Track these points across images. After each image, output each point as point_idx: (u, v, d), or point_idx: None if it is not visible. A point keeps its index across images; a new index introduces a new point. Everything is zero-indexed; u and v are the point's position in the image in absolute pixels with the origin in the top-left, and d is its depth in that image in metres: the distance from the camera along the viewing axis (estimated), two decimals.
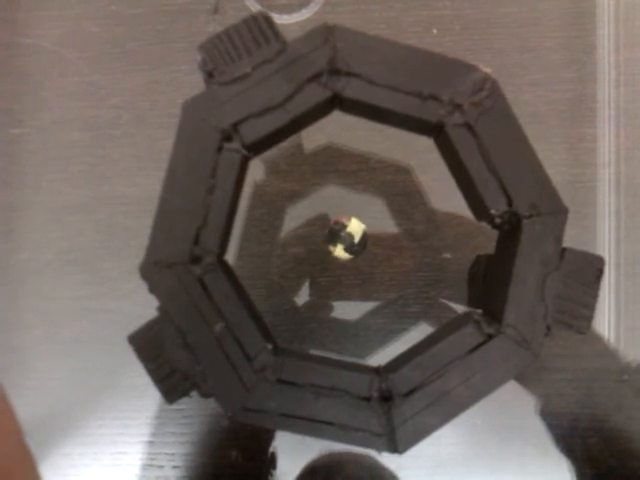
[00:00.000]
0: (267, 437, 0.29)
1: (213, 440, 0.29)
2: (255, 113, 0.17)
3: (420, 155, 0.29)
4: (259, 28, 0.17)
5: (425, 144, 0.20)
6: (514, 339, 0.17)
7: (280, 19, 0.30)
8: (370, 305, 0.29)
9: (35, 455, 0.20)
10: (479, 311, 0.19)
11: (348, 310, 0.29)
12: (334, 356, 0.20)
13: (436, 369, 0.18)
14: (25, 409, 0.20)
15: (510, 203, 0.17)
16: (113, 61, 0.31)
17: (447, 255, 0.29)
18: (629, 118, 0.29)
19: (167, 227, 0.17)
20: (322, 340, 0.29)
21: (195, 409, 0.29)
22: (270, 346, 0.18)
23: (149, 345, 0.17)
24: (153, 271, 0.17)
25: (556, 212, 0.18)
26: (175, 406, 0.29)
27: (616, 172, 0.29)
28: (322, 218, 0.29)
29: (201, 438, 0.29)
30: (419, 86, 0.17)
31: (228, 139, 0.17)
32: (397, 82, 0.17)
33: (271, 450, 0.29)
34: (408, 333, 0.29)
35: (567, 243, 0.18)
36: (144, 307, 0.17)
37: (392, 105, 0.17)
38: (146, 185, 0.30)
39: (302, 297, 0.29)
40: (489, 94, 0.17)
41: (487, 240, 0.28)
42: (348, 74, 0.17)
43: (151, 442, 0.29)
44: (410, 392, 0.17)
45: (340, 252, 0.26)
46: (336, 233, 0.26)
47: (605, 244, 0.29)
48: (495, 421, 0.28)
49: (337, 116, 0.19)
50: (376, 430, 0.17)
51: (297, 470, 0.28)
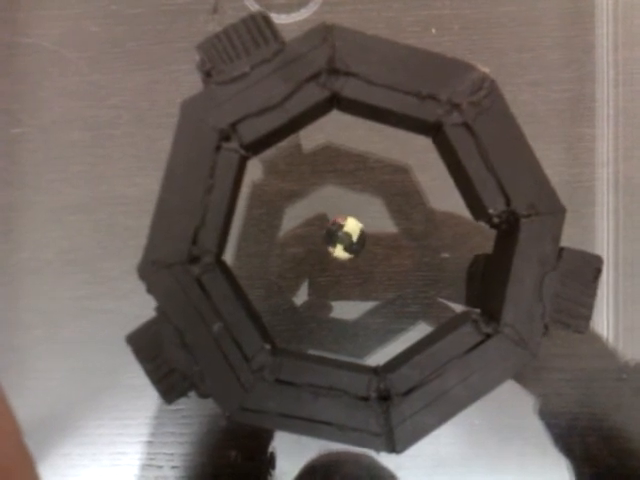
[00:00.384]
0: (266, 437, 0.29)
1: (212, 440, 0.29)
2: (253, 113, 0.17)
3: (418, 155, 0.29)
4: (258, 28, 0.17)
5: (423, 144, 0.20)
6: (512, 338, 0.17)
7: (279, 19, 0.30)
8: (369, 305, 0.29)
9: (34, 455, 0.20)
10: (477, 310, 0.19)
11: (347, 310, 0.29)
12: (333, 356, 0.21)
13: (434, 369, 0.18)
14: (24, 409, 0.20)
15: (508, 203, 0.18)
16: (113, 61, 0.31)
17: (445, 255, 0.29)
18: (628, 117, 0.29)
19: (165, 227, 0.17)
20: (321, 340, 0.29)
21: (194, 409, 0.29)
22: (268, 346, 0.18)
23: (147, 345, 0.17)
24: (151, 271, 0.17)
25: (554, 212, 0.18)
26: (174, 406, 0.29)
27: (615, 172, 0.29)
28: (321, 218, 0.29)
29: (200, 438, 0.29)
30: (417, 86, 0.17)
31: (226, 139, 0.17)
32: (395, 82, 0.17)
33: (270, 450, 0.29)
34: (407, 333, 0.29)
35: (565, 243, 0.18)
36: (144, 307, 0.17)
37: (390, 105, 0.17)
38: (146, 185, 0.30)
39: (301, 297, 0.29)
40: (487, 94, 0.17)
41: (485, 240, 0.28)
42: (346, 74, 0.17)
43: (150, 442, 0.29)
44: (408, 392, 0.18)
45: (340, 252, 0.26)
46: (334, 234, 0.26)
47: (603, 244, 0.29)
48: (494, 420, 0.28)
49: (335, 116, 0.19)
50: (374, 430, 0.17)
51: (296, 470, 0.28)
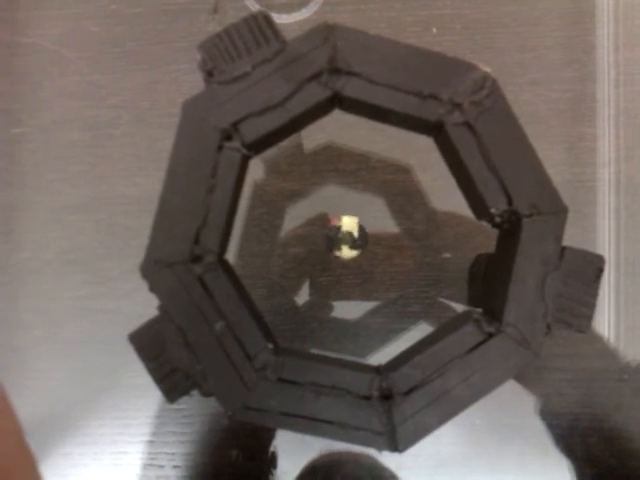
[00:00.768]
0: (267, 436, 0.29)
1: (213, 439, 0.29)
2: (255, 112, 0.17)
3: (420, 154, 0.29)
4: (259, 27, 0.17)
5: (425, 143, 0.20)
6: (514, 338, 0.17)
7: (280, 18, 0.30)
8: (370, 305, 0.29)
9: (35, 455, 0.20)
10: (479, 310, 0.19)
11: (348, 310, 0.29)
12: (335, 355, 0.20)
13: (436, 368, 0.18)
14: (25, 409, 0.20)
15: (510, 202, 0.18)
16: (113, 60, 0.31)
17: (447, 254, 0.29)
18: (629, 117, 0.29)
19: (167, 226, 0.17)
20: (323, 339, 0.29)
21: (195, 408, 0.29)
22: (271, 345, 0.18)
23: (150, 344, 0.17)
24: (153, 270, 0.17)
25: (556, 211, 0.18)
26: (175, 405, 0.29)
27: (616, 171, 0.29)
28: (322, 218, 0.29)
29: (201, 437, 0.29)
30: (419, 85, 0.17)
31: (228, 138, 0.17)
32: (397, 81, 0.17)
33: (271, 449, 0.29)
34: (408, 332, 0.29)
35: (567, 242, 0.18)
36: (144, 306, 0.17)
37: (392, 104, 0.17)
38: (146, 185, 0.30)
39: (302, 296, 0.29)
40: (489, 93, 0.17)
41: (487, 239, 0.28)
42: (348, 73, 0.17)
43: (151, 442, 0.29)
44: (410, 391, 0.18)
45: (346, 252, 0.26)
46: (334, 237, 0.26)
47: (605, 243, 0.29)
48: (495, 420, 0.28)
49: (337, 115, 0.19)
50: (376, 429, 0.17)
51: (297, 469, 0.28)
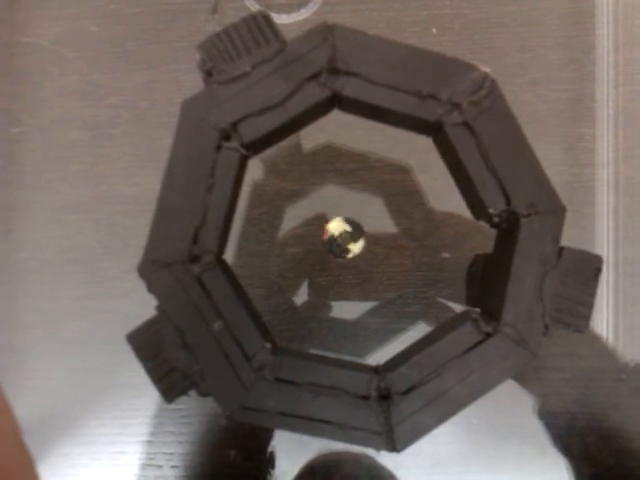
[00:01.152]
0: (266, 436, 0.29)
1: (212, 439, 0.29)
2: (254, 112, 0.17)
3: (419, 154, 0.29)
4: (258, 27, 0.17)
5: (424, 143, 0.20)
6: (512, 338, 0.17)
7: (279, 19, 0.30)
8: (369, 304, 0.29)
9: (34, 455, 0.20)
10: (477, 310, 0.19)
11: (347, 310, 0.29)
12: (333, 355, 0.20)
13: (434, 368, 0.18)
14: (24, 409, 0.20)
15: (508, 202, 0.18)
16: (112, 60, 0.31)
17: (446, 254, 0.29)
18: (628, 118, 0.30)
19: (166, 226, 0.17)
20: (321, 339, 0.29)
21: (194, 408, 0.29)
22: (269, 345, 0.18)
23: (148, 344, 0.17)
24: (151, 270, 0.17)
25: (554, 211, 0.18)
26: (174, 405, 0.29)
27: (615, 172, 0.29)
28: (321, 218, 0.29)
29: (200, 437, 0.29)
30: (418, 85, 0.17)
31: (227, 138, 0.17)
32: (396, 81, 0.17)
33: (270, 449, 0.29)
34: (407, 332, 0.29)
35: (566, 242, 0.18)
36: (143, 306, 0.17)
37: (391, 104, 0.17)
38: (145, 184, 0.30)
39: (301, 296, 0.29)
40: (488, 93, 0.17)
41: (485, 239, 0.28)
42: (347, 73, 0.17)
43: (150, 442, 0.29)
44: (408, 391, 0.18)
45: (355, 247, 0.26)
46: (334, 243, 0.26)
47: (603, 243, 0.29)
48: (493, 420, 0.28)
49: (336, 115, 0.19)
50: (374, 428, 0.17)
51: (296, 469, 0.28)
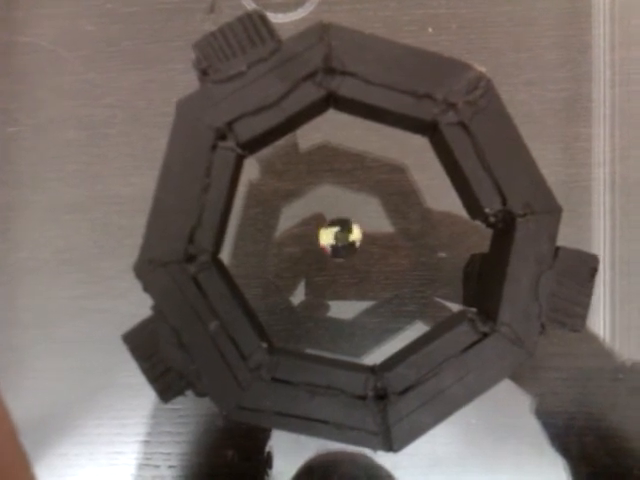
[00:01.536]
0: (263, 436, 0.29)
1: (209, 439, 0.29)
2: (250, 111, 0.17)
3: (415, 154, 0.29)
4: (254, 26, 0.17)
5: (420, 143, 0.20)
6: (508, 337, 0.17)
7: (275, 18, 0.30)
8: (366, 304, 0.29)
9: (31, 455, 0.20)
10: (474, 310, 0.19)
11: (344, 309, 0.29)
12: (330, 355, 0.21)
13: (431, 368, 0.18)
14: (21, 409, 0.20)
15: (504, 202, 0.18)
16: (108, 60, 0.30)
17: (442, 254, 0.29)
18: (624, 117, 0.30)
19: (161, 226, 0.17)
20: (318, 339, 0.29)
21: (191, 408, 0.29)
22: (265, 345, 0.18)
23: (144, 344, 0.17)
24: (147, 270, 0.17)
25: (550, 211, 0.18)
26: (171, 405, 0.29)
27: (611, 171, 0.29)
28: (317, 217, 0.29)
29: (197, 438, 0.29)
30: (414, 85, 0.17)
31: (223, 138, 0.17)
32: (392, 81, 0.17)
33: (267, 449, 0.29)
34: (404, 332, 0.29)
35: (562, 242, 0.18)
36: (140, 306, 0.17)
37: (387, 104, 0.17)
38: (141, 184, 0.30)
39: (298, 296, 0.29)
40: (483, 93, 0.17)
41: (482, 239, 0.28)
42: (343, 73, 0.17)
43: (147, 442, 0.29)
44: (405, 390, 0.18)
45: (354, 237, 0.27)
46: (337, 249, 0.27)
47: (600, 243, 0.29)
48: (490, 420, 0.28)
49: (332, 115, 0.19)
50: (371, 428, 0.17)
51: (293, 470, 0.28)
